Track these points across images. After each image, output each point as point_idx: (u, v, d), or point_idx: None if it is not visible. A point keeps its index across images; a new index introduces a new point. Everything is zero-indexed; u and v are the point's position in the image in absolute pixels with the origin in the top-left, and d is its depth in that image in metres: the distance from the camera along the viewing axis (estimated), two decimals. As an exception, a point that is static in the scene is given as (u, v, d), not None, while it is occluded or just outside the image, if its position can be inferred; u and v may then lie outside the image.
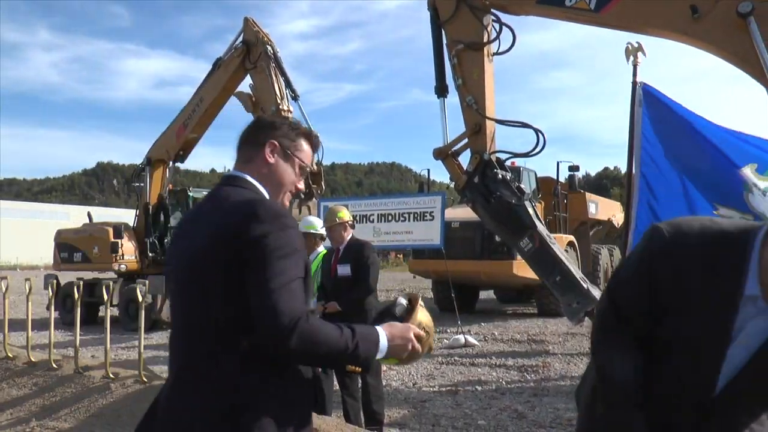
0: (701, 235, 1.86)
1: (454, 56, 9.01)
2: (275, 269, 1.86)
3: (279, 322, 1.81)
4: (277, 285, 1.84)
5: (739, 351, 1.85)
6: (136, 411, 5.77)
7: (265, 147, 2.12)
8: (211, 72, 14.31)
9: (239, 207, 1.96)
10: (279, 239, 1.89)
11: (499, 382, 8.29)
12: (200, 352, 1.94)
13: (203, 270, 1.93)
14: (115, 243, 15.10)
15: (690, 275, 1.84)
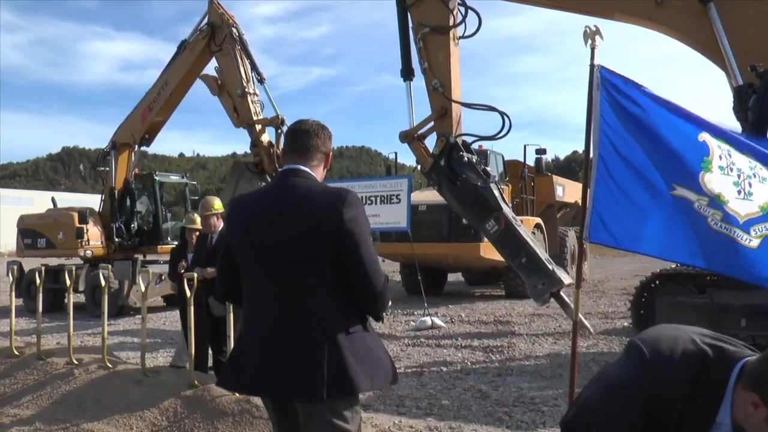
0: (687, 368, 2.02)
1: (420, 40, 9.02)
2: (368, 242, 2.61)
3: (380, 281, 2.62)
4: (373, 257, 2.63)
5: None
6: (100, 397, 5.75)
7: (329, 155, 2.84)
8: (176, 54, 14.13)
9: (333, 193, 2.61)
10: (365, 221, 2.63)
11: (464, 363, 8.39)
12: (309, 305, 2.59)
13: (312, 241, 2.56)
14: (81, 228, 14.93)
15: (674, 406, 2.02)
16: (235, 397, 5.29)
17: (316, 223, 2.55)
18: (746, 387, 1.92)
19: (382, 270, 2.65)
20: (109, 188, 15.52)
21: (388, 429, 5.50)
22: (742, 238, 3.99)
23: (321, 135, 2.79)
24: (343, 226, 2.52)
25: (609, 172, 4.22)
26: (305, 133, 2.78)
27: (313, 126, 2.80)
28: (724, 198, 4.04)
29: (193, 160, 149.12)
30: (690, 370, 2.00)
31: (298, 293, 2.60)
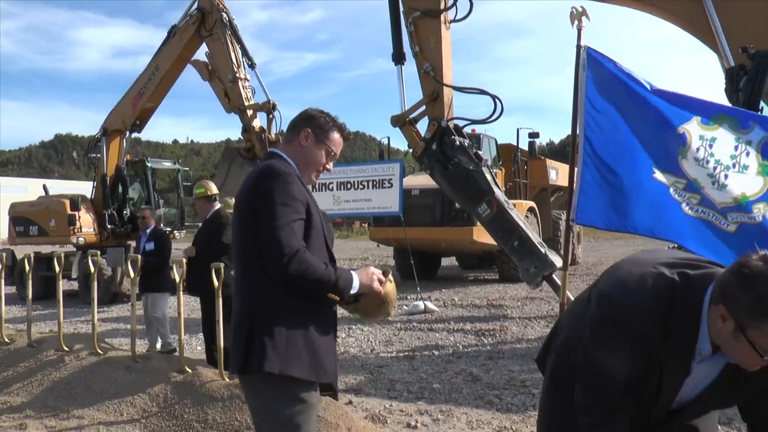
0: (659, 306, 2.00)
1: (411, 23, 8.97)
2: (278, 213, 2.52)
3: (281, 251, 2.48)
4: (281, 224, 2.51)
5: (685, 390, 2.10)
6: (90, 383, 5.75)
7: (301, 133, 2.79)
8: (167, 40, 14.00)
9: (257, 170, 2.68)
10: (280, 191, 2.55)
11: (456, 347, 8.41)
12: (241, 274, 2.67)
13: (243, 217, 2.64)
14: (72, 215, 14.87)
15: (650, 342, 2.02)
16: (225, 382, 5.30)
17: (240, 197, 2.69)
18: (715, 301, 1.90)
19: (288, 245, 2.49)
20: (101, 175, 15.44)
21: (379, 413, 5.51)
22: (720, 222, 4.00)
23: (299, 116, 2.89)
24: (251, 199, 2.60)
25: (596, 153, 4.22)
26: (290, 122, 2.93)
27: (300, 114, 2.93)
28: (700, 183, 4.05)
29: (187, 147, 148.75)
30: (662, 308, 1.97)
31: (239, 266, 2.71)
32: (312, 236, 2.64)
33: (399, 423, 5.29)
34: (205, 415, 5.02)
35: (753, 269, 1.80)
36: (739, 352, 1.88)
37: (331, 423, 4.57)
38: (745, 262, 1.84)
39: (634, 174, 4.17)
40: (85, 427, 5.08)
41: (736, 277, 1.84)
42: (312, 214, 2.65)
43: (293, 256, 2.48)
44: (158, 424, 5.08)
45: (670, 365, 2.04)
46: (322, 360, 2.62)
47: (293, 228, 2.53)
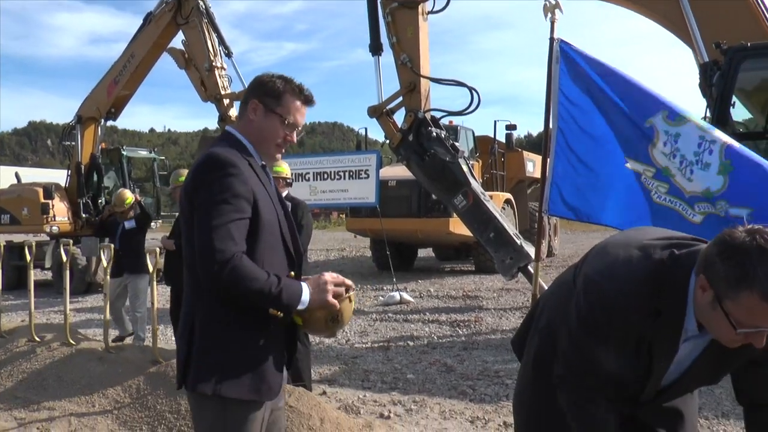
0: (647, 290, 1.98)
1: (389, 14, 8.97)
2: (213, 212, 2.17)
3: (212, 258, 2.13)
4: (214, 225, 2.15)
5: (671, 368, 2.11)
6: (62, 374, 5.69)
7: (249, 106, 2.41)
8: (142, 27, 13.85)
9: (198, 160, 2.33)
10: (218, 186, 2.19)
11: (430, 337, 8.45)
12: (186, 278, 2.35)
13: (184, 215, 2.31)
14: (46, 204, 14.66)
15: (636, 326, 2.01)
16: (199, 373, 5.27)
17: (181, 191, 2.37)
18: (697, 272, 1.90)
19: (220, 250, 2.13)
20: (75, 163, 15.24)
21: (352, 403, 5.53)
22: (686, 212, 4.05)
23: (248, 86, 2.51)
24: (188, 194, 2.27)
25: (568, 144, 4.26)
26: None
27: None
28: (670, 171, 4.09)
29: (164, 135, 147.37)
30: (651, 290, 1.96)
31: (185, 269, 2.38)
32: (262, 235, 2.29)
33: (372, 413, 5.32)
34: (178, 406, 5.00)
35: (735, 240, 1.80)
36: (716, 325, 1.87)
37: (303, 413, 4.58)
38: (730, 232, 1.84)
39: (607, 166, 4.21)
40: (56, 418, 5.03)
41: (718, 247, 1.83)
42: (260, 210, 2.27)
43: (225, 263, 2.13)
44: (131, 415, 5.05)
45: (660, 345, 2.03)
46: (266, 377, 2.32)
47: (230, 229, 2.16)
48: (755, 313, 1.76)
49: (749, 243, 1.77)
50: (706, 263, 1.86)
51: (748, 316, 1.77)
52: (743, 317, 1.78)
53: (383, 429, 4.87)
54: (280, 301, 2.21)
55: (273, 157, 2.48)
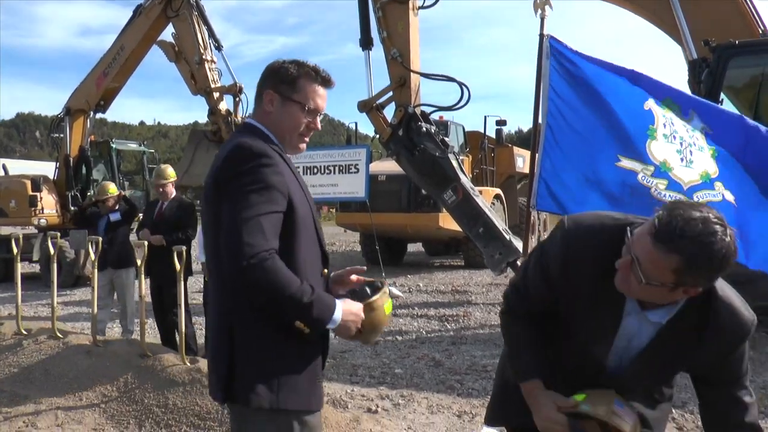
0: (598, 236, 2.02)
1: (379, 9, 8.96)
2: (243, 203, 1.97)
3: (239, 252, 1.91)
4: (243, 217, 1.95)
5: (620, 343, 2.09)
6: (49, 368, 5.68)
7: (264, 98, 2.25)
8: (132, 19, 13.77)
9: (225, 150, 2.14)
10: (250, 176, 2.01)
11: (419, 332, 8.47)
12: (215, 278, 2.16)
13: (208, 206, 2.12)
14: (34, 196, 14.57)
15: (583, 274, 2.03)
16: (186, 367, 5.28)
17: (207, 182, 2.17)
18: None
19: (249, 244, 1.92)
20: (64, 155, 15.13)
21: (340, 398, 5.55)
22: None
23: (263, 73, 2.33)
24: (218, 185, 2.08)
25: (556, 140, 4.28)
26: None
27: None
28: (669, 165, 4.12)
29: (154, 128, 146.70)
30: (605, 247, 1.97)
31: (214, 268, 2.17)
32: (298, 231, 2.10)
33: (360, 408, 5.33)
34: (166, 400, 5.01)
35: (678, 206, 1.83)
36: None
37: (291, 408, 4.58)
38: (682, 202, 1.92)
39: (594, 163, 4.23)
40: (43, 412, 5.02)
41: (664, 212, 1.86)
42: (295, 204, 2.10)
43: (253, 258, 1.90)
44: (118, 409, 5.05)
45: (603, 307, 2.04)
46: (317, 384, 2.21)
47: (260, 222, 1.95)
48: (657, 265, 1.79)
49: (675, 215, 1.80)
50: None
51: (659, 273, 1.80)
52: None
53: (371, 423, 4.88)
54: (309, 314, 2.01)
55: (297, 147, 2.30)
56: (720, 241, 1.74)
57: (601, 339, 2.09)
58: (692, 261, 1.74)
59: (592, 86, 4.24)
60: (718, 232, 1.75)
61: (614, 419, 1.97)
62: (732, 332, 1.99)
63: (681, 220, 1.75)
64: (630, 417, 2.01)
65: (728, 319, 1.96)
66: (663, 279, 1.80)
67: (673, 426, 4.93)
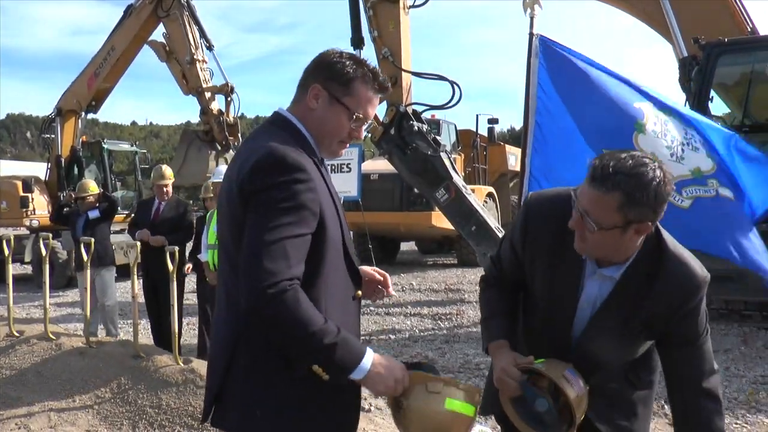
0: (555, 203, 2.12)
1: (370, 8, 8.96)
2: (269, 222, 1.73)
3: (258, 279, 1.69)
4: (267, 239, 1.72)
5: (583, 309, 2.14)
6: (41, 370, 5.67)
7: (309, 91, 1.96)
8: (122, 19, 13.78)
9: (254, 154, 1.82)
10: (282, 192, 1.76)
11: (412, 331, 8.50)
12: (228, 285, 1.92)
13: (231, 212, 1.86)
14: (25, 197, 14.53)
15: (543, 239, 2.14)
16: (179, 367, 5.28)
17: (230, 182, 1.90)
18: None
19: (269, 271, 1.70)
20: (55, 156, 15.12)
21: (334, 396, 5.55)
22: (675, 198, 4.11)
23: (311, 63, 2.04)
24: (244, 191, 1.82)
25: (545, 138, 4.31)
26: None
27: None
28: (656, 158, 4.14)
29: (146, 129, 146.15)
30: (558, 210, 2.06)
31: (227, 268, 1.95)
32: (326, 253, 1.87)
33: (353, 407, 5.34)
34: (159, 401, 5.01)
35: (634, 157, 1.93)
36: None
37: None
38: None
39: (582, 160, 4.24)
40: (35, 414, 5.01)
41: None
42: (326, 223, 1.86)
43: (272, 288, 1.68)
44: (111, 410, 5.05)
45: (563, 270, 2.12)
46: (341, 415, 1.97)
47: (285, 247, 1.72)
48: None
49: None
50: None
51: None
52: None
53: (363, 422, 4.89)
54: (330, 358, 1.75)
55: (335, 153, 2.05)
56: (651, 171, 1.87)
57: (564, 304, 2.15)
58: (631, 193, 1.85)
59: (580, 83, 4.27)
60: (648, 164, 1.89)
61: (562, 382, 2.00)
62: (681, 284, 2.03)
63: (611, 160, 1.89)
64: (578, 386, 2.04)
65: (677, 269, 2.02)
66: (612, 220, 1.88)
67: (665, 421, 4.96)
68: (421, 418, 1.91)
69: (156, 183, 7.39)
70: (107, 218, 8.07)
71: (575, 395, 2.01)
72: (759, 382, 5.86)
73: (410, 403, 1.91)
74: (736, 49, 7.81)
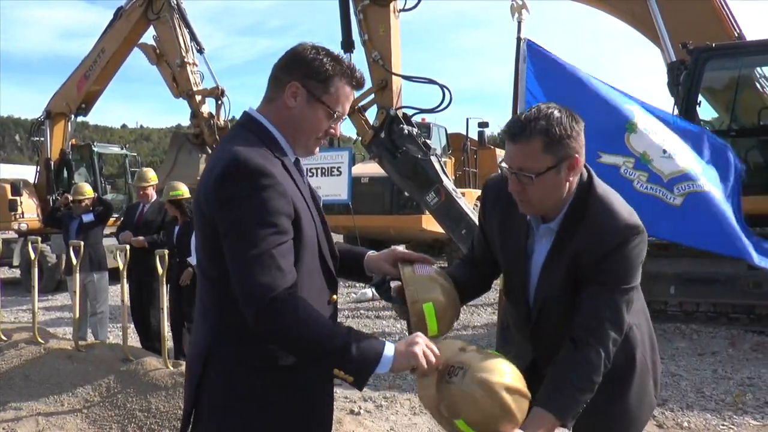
0: (499, 184, 2.28)
1: (360, 12, 8.97)
2: (249, 237, 1.71)
3: (257, 296, 1.69)
4: (253, 255, 1.70)
5: (535, 270, 2.22)
6: (29, 374, 5.64)
7: (286, 89, 1.91)
8: (112, 22, 13.71)
9: (221, 162, 1.79)
10: (252, 203, 1.73)
11: (402, 334, 8.50)
12: (202, 289, 1.93)
13: (203, 225, 1.85)
14: (14, 201, 14.45)
15: (495, 211, 2.32)
16: (169, 371, 5.28)
17: (198, 195, 1.87)
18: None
19: (263, 285, 1.70)
20: (45, 159, 15.04)
21: (323, 400, 5.55)
22: (666, 197, 4.15)
23: (284, 58, 1.98)
24: (211, 205, 1.79)
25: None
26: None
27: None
28: (648, 156, 4.18)
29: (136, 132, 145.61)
30: (503, 185, 2.17)
31: (201, 277, 1.96)
32: (303, 258, 1.86)
33: (342, 410, 5.35)
34: (149, 404, 5.00)
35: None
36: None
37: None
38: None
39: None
40: (23, 418, 4.99)
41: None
42: (302, 226, 1.85)
43: (275, 302, 1.69)
44: (100, 414, 5.04)
45: (514, 234, 2.25)
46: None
47: (274, 257, 1.71)
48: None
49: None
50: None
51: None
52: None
53: (353, 425, 4.90)
54: (349, 358, 1.71)
55: (311, 151, 2.01)
56: (556, 110, 2.04)
57: (519, 269, 2.24)
58: (549, 131, 1.99)
59: (569, 85, 4.30)
60: (551, 107, 2.05)
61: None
62: (602, 226, 2.07)
63: (519, 115, 2.10)
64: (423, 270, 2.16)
65: (600, 212, 2.09)
66: (544, 163, 2.00)
67: (652, 423, 4.99)
68: (483, 388, 1.80)
69: (137, 185, 7.49)
70: (101, 222, 8.06)
71: (409, 270, 2.13)
72: (746, 384, 5.90)
73: (470, 373, 1.81)
74: (723, 54, 7.88)
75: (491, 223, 2.33)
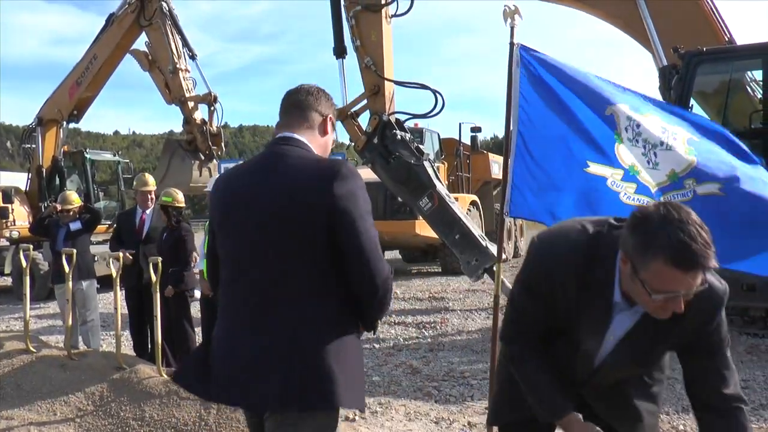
0: (574, 253, 2.13)
1: (352, 17, 8.97)
2: (367, 223, 2.16)
3: (385, 272, 2.20)
4: (374, 240, 2.18)
5: (608, 339, 2.21)
6: (21, 383, 5.59)
7: (327, 120, 2.43)
8: (105, 28, 13.73)
9: (325, 165, 2.24)
10: (363, 195, 2.19)
11: (396, 339, 8.49)
12: (290, 295, 2.17)
13: (298, 219, 2.15)
14: (5, 208, 14.40)
15: (568, 292, 2.15)
16: (162, 379, 5.24)
17: (304, 197, 2.15)
18: (620, 247, 2.02)
19: (384, 260, 2.24)
20: (36, 166, 15.00)
21: (318, 406, 5.53)
22: None
23: (315, 96, 2.43)
24: (334, 202, 2.12)
25: (527, 147, 4.33)
26: (296, 98, 2.43)
27: (306, 89, 2.46)
28: (637, 168, 4.17)
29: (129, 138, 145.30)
30: (580, 260, 2.10)
31: (280, 280, 2.18)
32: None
33: (338, 416, 5.32)
34: (142, 413, 4.96)
35: (643, 212, 1.94)
36: (637, 294, 1.99)
37: (268, 418, 4.57)
38: (641, 207, 2.00)
39: (564, 170, 4.27)
40: (15, 428, 4.94)
41: (630, 221, 1.97)
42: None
43: (390, 275, 2.25)
44: (93, 423, 5.00)
45: (589, 315, 2.16)
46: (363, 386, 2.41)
47: (379, 247, 2.23)
48: (664, 277, 1.86)
49: (653, 213, 1.89)
50: (622, 237, 2.00)
51: (660, 281, 1.87)
52: (656, 283, 1.88)
53: (348, 431, 4.88)
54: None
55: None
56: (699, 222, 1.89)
57: (592, 340, 2.22)
58: (709, 267, 1.87)
59: (561, 93, 4.29)
60: (692, 219, 1.88)
61: None
62: (708, 305, 2.08)
63: (692, 243, 1.83)
64: None
65: (705, 293, 2.02)
66: (695, 287, 1.90)
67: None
68: None
69: (139, 190, 7.27)
70: (89, 230, 7.93)
71: None
72: (740, 386, 5.89)
73: None
74: (714, 58, 7.91)
75: (557, 292, 2.17)
